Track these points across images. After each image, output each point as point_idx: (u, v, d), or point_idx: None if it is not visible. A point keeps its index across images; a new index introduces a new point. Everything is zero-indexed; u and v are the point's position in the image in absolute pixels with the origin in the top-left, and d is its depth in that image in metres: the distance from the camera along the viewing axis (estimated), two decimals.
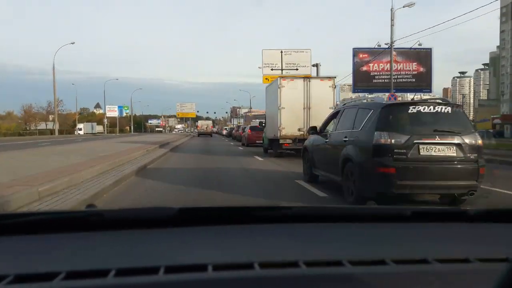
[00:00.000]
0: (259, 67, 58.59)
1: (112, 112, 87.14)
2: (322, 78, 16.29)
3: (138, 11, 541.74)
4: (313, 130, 8.84)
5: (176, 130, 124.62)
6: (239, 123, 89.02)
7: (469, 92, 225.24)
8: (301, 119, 14.95)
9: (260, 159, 15.12)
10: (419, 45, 28.85)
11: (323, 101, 15.03)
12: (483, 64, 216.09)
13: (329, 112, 14.80)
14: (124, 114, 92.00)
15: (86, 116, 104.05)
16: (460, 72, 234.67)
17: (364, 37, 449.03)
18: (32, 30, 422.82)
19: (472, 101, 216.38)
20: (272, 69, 38.34)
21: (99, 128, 77.57)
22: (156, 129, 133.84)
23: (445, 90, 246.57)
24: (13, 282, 0.70)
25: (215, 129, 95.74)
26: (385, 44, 30.41)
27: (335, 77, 15.56)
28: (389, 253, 0.86)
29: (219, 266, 0.75)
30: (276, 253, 0.90)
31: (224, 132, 62.70)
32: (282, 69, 38.46)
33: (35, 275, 0.72)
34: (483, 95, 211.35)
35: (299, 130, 14.92)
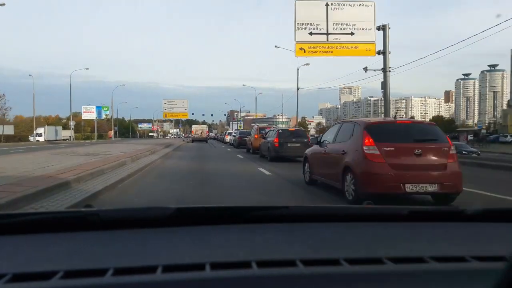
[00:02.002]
0: (276, 47, 40.08)
1: (89, 114, 70.02)
2: None
3: (134, 15, 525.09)
4: None
5: (170, 135, 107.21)
6: (240, 126, 73.88)
7: (474, 94, 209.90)
8: None
9: None
10: None
11: None
12: (488, 66, 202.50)
13: None
14: (104, 117, 74.17)
15: (64, 120, 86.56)
16: (463, 74, 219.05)
17: None
18: (27, 32, 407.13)
19: (477, 104, 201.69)
20: (311, 33, 21.43)
21: (66, 133, 59.81)
22: (150, 134, 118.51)
23: (447, 93, 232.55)
24: (11, 281, 0.68)
25: (212, 134, 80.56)
26: None
27: None
28: (386, 252, 0.84)
29: (216, 265, 0.74)
30: (274, 252, 0.88)
31: (228, 138, 38.07)
32: (327, 33, 21.68)
33: (33, 274, 0.70)
34: (489, 97, 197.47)
35: None
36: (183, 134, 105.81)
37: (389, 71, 20.99)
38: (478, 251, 0.88)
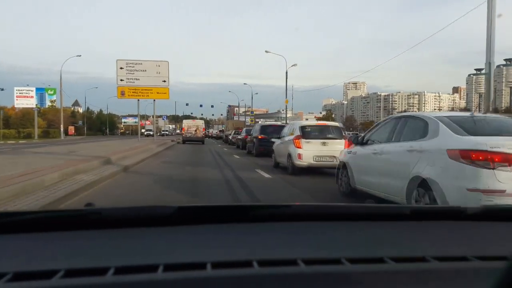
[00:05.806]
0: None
1: (25, 99, 44.27)
2: None
3: (132, 11, 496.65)
4: None
5: (163, 132, 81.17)
6: (251, 120, 49.07)
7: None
8: None
9: None
10: None
11: None
12: (504, 60, 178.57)
13: None
14: (48, 103, 48.05)
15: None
16: (476, 69, 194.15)
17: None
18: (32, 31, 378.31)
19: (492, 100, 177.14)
20: None
21: None
22: (145, 132, 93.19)
23: (455, 89, 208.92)
24: (12, 280, 0.66)
25: (214, 131, 55.12)
26: None
27: None
28: (387, 251, 0.81)
29: (217, 264, 0.71)
30: (275, 251, 0.85)
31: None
32: None
33: (34, 273, 0.68)
34: (506, 93, 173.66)
35: None
36: (178, 131, 79.86)
37: None
38: (479, 250, 0.85)
